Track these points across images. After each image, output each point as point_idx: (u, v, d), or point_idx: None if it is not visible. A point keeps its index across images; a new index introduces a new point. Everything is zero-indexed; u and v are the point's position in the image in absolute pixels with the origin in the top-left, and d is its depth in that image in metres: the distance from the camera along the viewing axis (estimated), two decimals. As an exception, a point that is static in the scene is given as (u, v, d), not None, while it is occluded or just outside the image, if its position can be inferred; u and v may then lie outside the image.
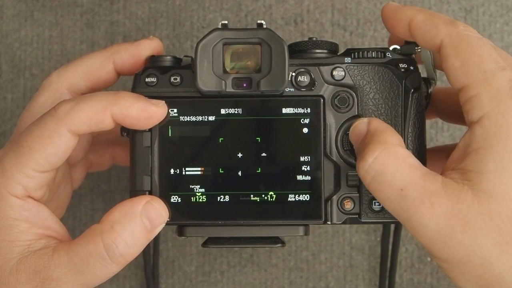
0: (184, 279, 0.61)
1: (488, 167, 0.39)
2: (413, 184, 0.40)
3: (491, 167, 0.39)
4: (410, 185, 0.40)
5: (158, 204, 0.45)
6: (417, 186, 0.40)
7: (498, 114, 0.39)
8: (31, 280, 0.43)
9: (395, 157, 0.41)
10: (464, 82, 0.40)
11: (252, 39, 0.45)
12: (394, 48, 0.47)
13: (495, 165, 0.39)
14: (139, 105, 0.44)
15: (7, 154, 0.44)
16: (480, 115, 0.40)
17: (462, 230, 0.39)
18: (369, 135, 0.43)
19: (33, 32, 0.62)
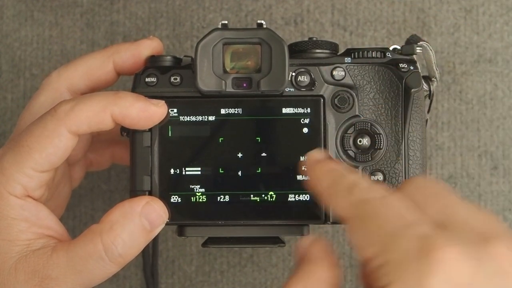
0: (184, 279, 0.61)
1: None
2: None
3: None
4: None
5: (158, 204, 0.45)
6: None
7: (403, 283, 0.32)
8: (30, 279, 0.43)
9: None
10: (370, 252, 0.34)
11: (252, 39, 0.45)
12: (394, 48, 0.47)
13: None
14: (139, 105, 0.44)
15: (6, 153, 0.44)
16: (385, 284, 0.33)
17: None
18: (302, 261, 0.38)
19: (33, 32, 0.62)
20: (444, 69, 0.61)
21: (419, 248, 0.32)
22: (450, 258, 0.31)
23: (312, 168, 0.40)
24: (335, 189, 0.38)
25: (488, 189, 0.60)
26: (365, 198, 0.36)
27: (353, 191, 0.36)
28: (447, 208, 0.35)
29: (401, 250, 0.33)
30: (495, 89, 0.61)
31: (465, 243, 0.33)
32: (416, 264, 0.32)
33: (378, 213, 0.35)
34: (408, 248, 0.32)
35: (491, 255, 0.32)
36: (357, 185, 0.37)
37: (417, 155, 0.46)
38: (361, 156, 0.46)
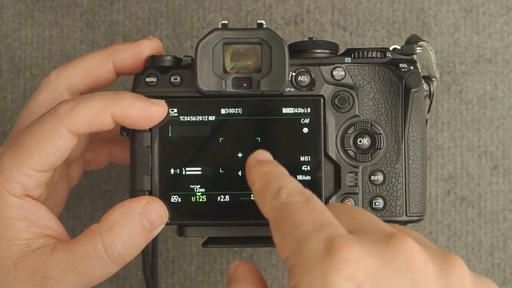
0: (184, 279, 0.61)
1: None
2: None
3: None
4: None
5: (158, 204, 0.45)
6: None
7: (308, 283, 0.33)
8: (30, 279, 0.43)
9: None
10: (285, 255, 0.35)
11: (252, 39, 0.45)
12: (394, 48, 0.47)
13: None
14: (139, 104, 0.44)
15: (6, 153, 0.44)
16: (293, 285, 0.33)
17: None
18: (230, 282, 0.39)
19: (33, 32, 0.62)
20: (444, 69, 0.61)
21: (324, 248, 0.32)
22: (353, 257, 0.32)
23: (250, 169, 0.40)
24: (264, 192, 0.38)
25: (488, 189, 0.60)
26: (287, 201, 0.36)
27: (278, 195, 0.37)
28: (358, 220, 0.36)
29: (308, 252, 0.33)
30: (495, 89, 0.61)
31: (371, 241, 0.33)
32: (320, 264, 0.32)
33: (294, 216, 0.35)
34: (314, 249, 0.33)
35: (397, 251, 0.33)
36: (284, 188, 0.37)
37: (417, 155, 0.46)
38: (361, 156, 0.46)
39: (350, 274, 0.31)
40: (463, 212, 0.60)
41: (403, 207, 0.46)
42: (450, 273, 0.33)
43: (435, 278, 0.33)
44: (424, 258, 0.33)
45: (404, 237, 0.33)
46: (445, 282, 0.33)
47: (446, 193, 0.60)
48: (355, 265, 0.32)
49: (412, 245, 0.33)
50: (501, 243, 0.60)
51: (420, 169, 0.46)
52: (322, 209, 0.35)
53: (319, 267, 0.32)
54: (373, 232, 0.34)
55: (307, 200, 0.36)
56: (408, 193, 0.46)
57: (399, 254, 0.33)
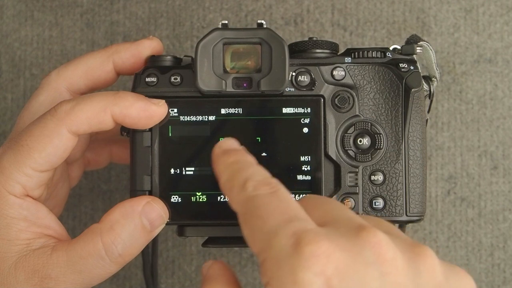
0: (184, 279, 0.61)
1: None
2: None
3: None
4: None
5: (158, 204, 0.45)
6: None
7: (278, 279, 0.32)
8: (30, 279, 0.43)
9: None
10: (255, 250, 0.34)
11: (252, 39, 0.45)
12: (394, 48, 0.47)
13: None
14: (139, 104, 0.44)
15: (6, 152, 0.44)
16: (265, 282, 0.33)
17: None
18: (203, 282, 0.38)
19: (33, 32, 0.62)
20: (444, 69, 0.61)
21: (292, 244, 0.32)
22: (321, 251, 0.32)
23: (216, 159, 0.39)
24: (231, 184, 0.37)
25: (488, 189, 0.60)
26: (254, 194, 0.35)
27: (245, 187, 0.36)
28: (329, 211, 0.36)
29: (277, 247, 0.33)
30: (495, 89, 0.61)
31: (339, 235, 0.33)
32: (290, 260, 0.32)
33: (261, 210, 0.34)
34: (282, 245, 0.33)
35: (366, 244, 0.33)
36: (250, 180, 0.36)
37: (417, 155, 0.46)
38: (361, 156, 0.46)
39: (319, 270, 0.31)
40: (463, 212, 0.60)
41: (403, 207, 0.46)
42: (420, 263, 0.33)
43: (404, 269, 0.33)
44: (393, 249, 0.33)
45: (373, 230, 0.33)
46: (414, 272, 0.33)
47: (446, 193, 0.60)
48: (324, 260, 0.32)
49: (381, 237, 0.33)
50: (501, 243, 0.60)
51: (420, 169, 0.46)
52: (290, 201, 0.35)
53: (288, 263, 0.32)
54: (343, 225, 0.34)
55: (274, 192, 0.35)
56: (408, 193, 0.46)
57: (368, 247, 0.33)
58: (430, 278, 0.33)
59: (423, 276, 0.33)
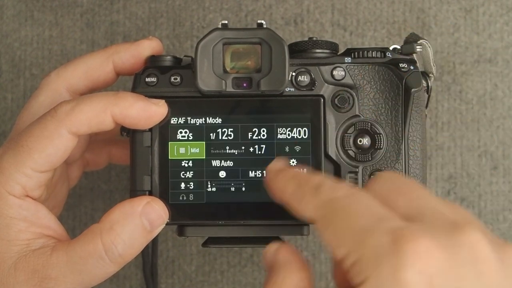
0: (184, 279, 0.61)
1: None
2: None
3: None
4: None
5: (158, 205, 0.45)
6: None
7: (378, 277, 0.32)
8: (30, 279, 0.43)
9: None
10: (342, 252, 0.33)
11: (252, 39, 0.45)
12: (394, 48, 0.47)
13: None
14: (139, 104, 0.44)
15: (6, 153, 0.44)
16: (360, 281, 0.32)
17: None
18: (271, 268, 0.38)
19: (33, 32, 0.62)
20: (444, 69, 0.61)
21: (390, 242, 0.32)
22: (422, 250, 0.31)
23: (275, 178, 0.40)
24: (301, 192, 0.37)
25: (488, 189, 0.60)
26: (333, 197, 0.35)
27: (319, 191, 0.36)
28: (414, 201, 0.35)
29: (373, 246, 0.32)
30: (495, 89, 0.61)
31: (437, 233, 0.33)
32: (389, 258, 0.31)
33: (346, 211, 0.34)
34: (380, 243, 0.32)
35: (464, 243, 0.32)
36: (323, 185, 0.36)
37: (417, 155, 0.46)
38: (361, 156, 0.46)
39: (422, 268, 0.31)
40: (463, 212, 0.60)
41: (403, 207, 0.46)
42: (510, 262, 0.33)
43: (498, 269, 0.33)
44: (488, 249, 0.33)
45: (469, 228, 0.33)
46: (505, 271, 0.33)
47: (446, 193, 0.60)
48: (426, 258, 0.31)
49: (478, 237, 0.33)
50: (501, 243, 0.60)
51: (420, 169, 0.46)
52: (371, 201, 0.35)
53: (388, 261, 0.31)
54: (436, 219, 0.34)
55: (351, 194, 0.35)
56: (408, 193, 0.46)
57: (465, 246, 0.32)
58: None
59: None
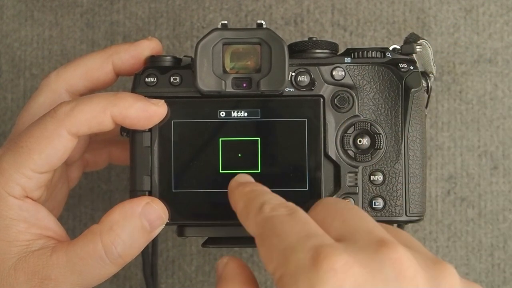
0: (184, 279, 0.61)
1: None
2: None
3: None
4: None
5: (158, 205, 0.44)
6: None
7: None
8: (30, 280, 0.43)
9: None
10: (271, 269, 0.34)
11: (252, 39, 0.45)
12: (394, 48, 0.47)
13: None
14: (139, 105, 0.44)
15: (5, 154, 0.44)
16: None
17: None
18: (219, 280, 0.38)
19: (33, 32, 0.62)
20: (444, 69, 0.61)
21: (310, 259, 0.32)
22: (339, 266, 0.31)
23: (232, 191, 0.40)
24: (247, 210, 0.38)
25: (488, 189, 0.60)
26: (272, 215, 0.36)
27: (262, 210, 0.36)
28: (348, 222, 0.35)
29: (294, 263, 0.32)
30: (495, 89, 0.61)
31: (360, 250, 0.32)
32: (308, 275, 0.32)
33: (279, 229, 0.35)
34: (300, 260, 0.32)
35: (386, 259, 0.32)
36: (266, 204, 0.37)
37: (417, 155, 0.46)
38: (361, 156, 0.46)
39: (337, 284, 0.31)
40: (463, 212, 0.60)
41: (403, 207, 0.46)
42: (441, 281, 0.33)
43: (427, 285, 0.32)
44: (414, 266, 0.32)
45: (394, 245, 0.33)
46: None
47: (446, 193, 0.60)
48: (342, 274, 0.31)
49: (402, 253, 0.32)
50: (501, 243, 0.60)
51: (420, 169, 0.46)
52: (307, 220, 0.35)
53: (306, 277, 0.32)
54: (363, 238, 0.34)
55: (291, 213, 0.35)
56: (408, 193, 0.46)
57: (388, 263, 0.32)
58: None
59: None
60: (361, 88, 0.46)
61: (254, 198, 0.38)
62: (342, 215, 0.36)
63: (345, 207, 0.37)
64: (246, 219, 0.38)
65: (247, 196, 0.39)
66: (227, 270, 0.38)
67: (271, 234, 0.35)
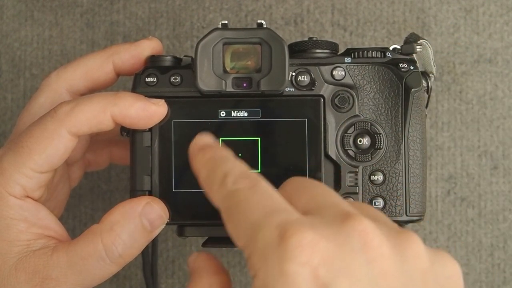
0: (184, 279, 0.61)
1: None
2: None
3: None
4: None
5: (158, 205, 0.45)
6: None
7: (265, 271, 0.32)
8: (31, 280, 0.43)
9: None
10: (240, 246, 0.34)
11: (252, 39, 0.45)
12: (394, 48, 0.47)
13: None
14: (139, 104, 0.44)
15: (6, 154, 0.44)
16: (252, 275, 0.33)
17: None
18: (191, 274, 0.38)
19: (33, 32, 0.62)
20: (444, 69, 0.61)
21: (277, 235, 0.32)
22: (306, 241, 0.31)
23: (193, 157, 0.38)
24: (211, 179, 0.37)
25: (488, 189, 0.60)
26: (235, 188, 0.35)
27: (224, 182, 0.36)
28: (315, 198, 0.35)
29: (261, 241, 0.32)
30: (495, 89, 0.61)
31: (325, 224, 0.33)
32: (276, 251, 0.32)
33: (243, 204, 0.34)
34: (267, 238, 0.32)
35: (352, 231, 0.32)
36: (229, 174, 0.36)
37: (417, 155, 0.46)
38: (361, 156, 0.46)
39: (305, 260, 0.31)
40: (463, 212, 0.60)
41: (403, 207, 0.46)
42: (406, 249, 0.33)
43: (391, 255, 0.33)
44: (378, 237, 0.33)
45: (359, 217, 0.33)
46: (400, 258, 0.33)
47: (446, 193, 0.60)
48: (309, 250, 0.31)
49: (366, 224, 0.33)
50: (501, 243, 0.60)
51: (420, 169, 0.46)
52: (271, 193, 0.35)
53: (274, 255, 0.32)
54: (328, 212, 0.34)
55: (254, 185, 0.35)
56: (408, 193, 0.46)
57: (353, 234, 0.32)
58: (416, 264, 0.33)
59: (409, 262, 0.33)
60: (361, 88, 0.46)
61: (215, 168, 0.37)
62: (310, 191, 0.36)
63: (312, 184, 0.37)
64: (209, 191, 0.37)
65: (207, 164, 0.37)
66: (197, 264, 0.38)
67: (236, 210, 0.34)
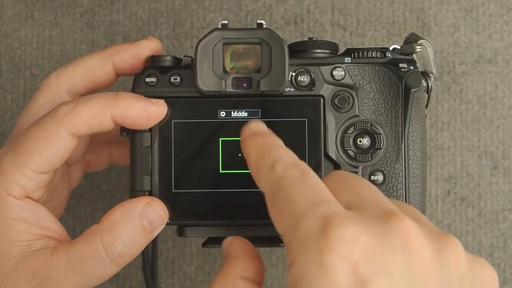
0: (184, 279, 0.61)
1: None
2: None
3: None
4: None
5: (158, 205, 0.45)
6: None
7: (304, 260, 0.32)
8: (30, 280, 0.43)
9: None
10: (281, 231, 0.34)
11: (252, 39, 0.45)
12: (394, 48, 0.47)
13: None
14: (139, 105, 0.44)
15: (6, 154, 0.44)
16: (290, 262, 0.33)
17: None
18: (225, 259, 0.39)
19: (33, 32, 0.62)
20: (444, 69, 0.61)
21: (320, 226, 0.32)
22: (348, 235, 0.32)
23: (245, 141, 0.39)
24: (259, 165, 0.37)
25: (488, 189, 0.60)
26: (283, 175, 0.35)
27: (274, 168, 0.36)
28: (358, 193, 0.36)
29: (304, 229, 0.33)
30: (495, 89, 0.61)
31: (369, 220, 0.33)
32: (316, 242, 0.32)
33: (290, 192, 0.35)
34: (309, 227, 0.32)
35: (394, 230, 0.33)
36: (278, 161, 0.36)
37: (417, 155, 0.46)
38: (361, 156, 0.46)
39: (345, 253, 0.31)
40: (463, 212, 0.60)
41: (403, 207, 0.46)
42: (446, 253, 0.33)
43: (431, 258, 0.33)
44: (420, 237, 0.33)
45: (402, 216, 0.33)
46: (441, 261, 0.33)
47: (446, 193, 0.60)
48: (350, 244, 0.31)
49: (409, 224, 0.33)
50: (501, 243, 0.60)
51: (420, 169, 0.46)
52: (318, 184, 0.35)
53: (315, 245, 0.32)
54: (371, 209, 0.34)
55: (303, 174, 0.35)
56: (408, 193, 0.46)
57: (395, 233, 0.32)
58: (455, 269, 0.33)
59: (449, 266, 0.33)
60: (361, 88, 0.46)
61: (266, 154, 0.37)
62: (353, 185, 0.36)
63: (356, 179, 0.37)
64: (257, 175, 0.37)
65: (259, 149, 0.38)
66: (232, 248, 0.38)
67: (282, 197, 0.35)
